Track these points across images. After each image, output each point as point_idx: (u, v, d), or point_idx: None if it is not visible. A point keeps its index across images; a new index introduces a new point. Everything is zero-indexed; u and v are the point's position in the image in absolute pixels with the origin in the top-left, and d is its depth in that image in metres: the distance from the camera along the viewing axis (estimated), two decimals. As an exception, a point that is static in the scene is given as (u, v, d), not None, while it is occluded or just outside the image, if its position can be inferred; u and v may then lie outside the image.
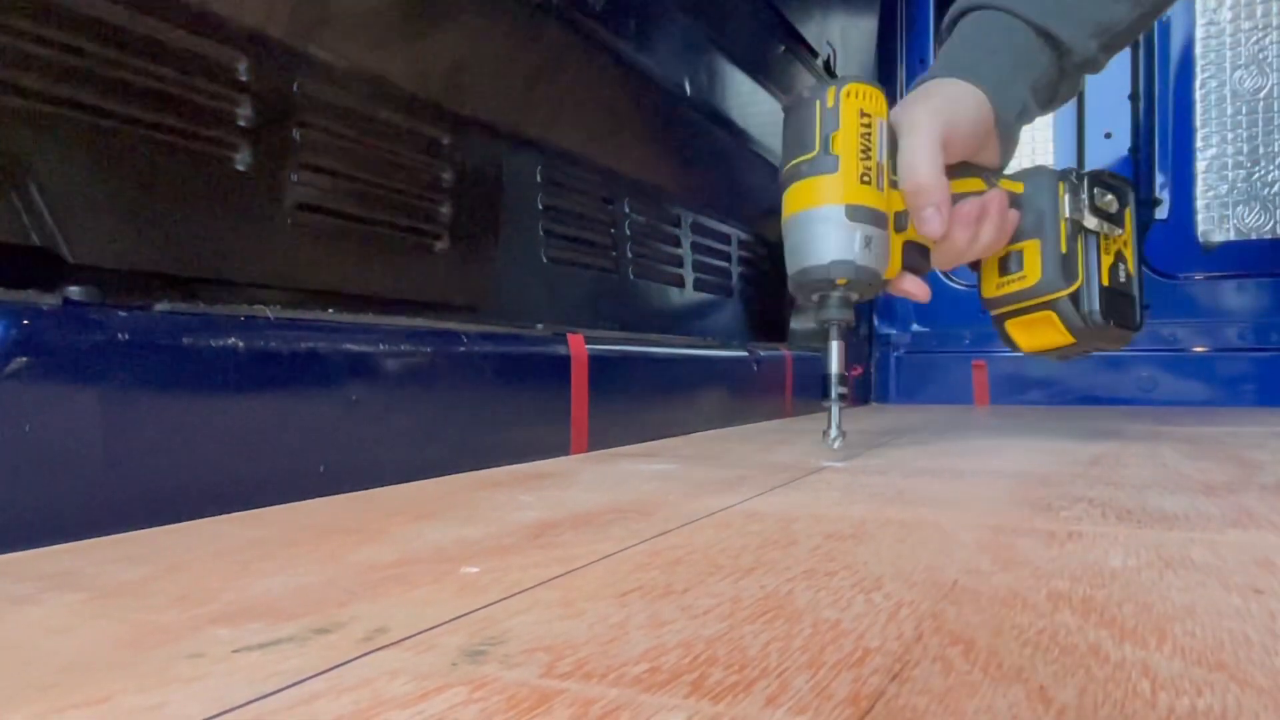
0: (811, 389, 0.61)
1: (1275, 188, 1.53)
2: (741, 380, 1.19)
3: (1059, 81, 0.70)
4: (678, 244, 1.17)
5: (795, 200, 0.62)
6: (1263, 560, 0.36)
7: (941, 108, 0.63)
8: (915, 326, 1.73)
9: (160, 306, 0.48)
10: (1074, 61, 0.69)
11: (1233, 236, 1.55)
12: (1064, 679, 0.23)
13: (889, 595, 0.31)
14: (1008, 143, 0.68)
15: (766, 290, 1.44)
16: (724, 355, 1.16)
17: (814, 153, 0.60)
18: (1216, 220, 1.56)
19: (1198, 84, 1.58)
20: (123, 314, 0.45)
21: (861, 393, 1.70)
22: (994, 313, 0.74)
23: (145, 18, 0.51)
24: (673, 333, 1.10)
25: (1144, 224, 1.60)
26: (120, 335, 0.44)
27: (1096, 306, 0.70)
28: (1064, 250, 0.69)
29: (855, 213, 0.60)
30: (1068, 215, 0.69)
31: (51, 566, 0.36)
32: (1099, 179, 0.71)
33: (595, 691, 0.22)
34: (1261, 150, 1.54)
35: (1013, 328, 0.74)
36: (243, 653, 0.25)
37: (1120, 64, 1.62)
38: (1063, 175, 0.70)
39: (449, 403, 0.66)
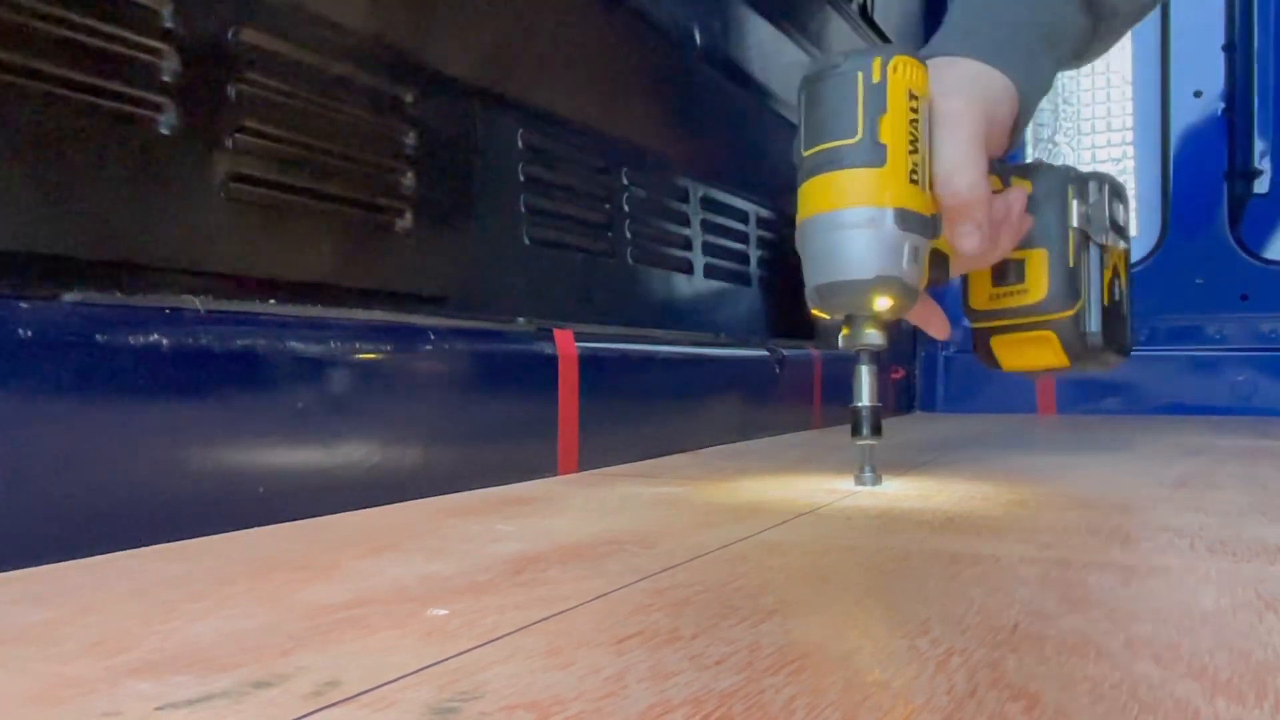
0: (845, 394, 0.61)
1: (1397, 156, 1.53)
2: (761, 385, 1.19)
3: (1091, 39, 0.70)
4: (685, 223, 1.18)
5: (828, 195, 0.59)
6: (1382, 600, 0.36)
7: (979, 98, 0.62)
8: (967, 321, 1.73)
9: (69, 297, 0.48)
10: (1112, 11, 0.69)
11: (1347, 214, 1.55)
12: (1145, 742, 0.23)
13: (936, 641, 0.31)
14: (1020, 132, 0.69)
15: (791, 278, 1.44)
16: (740, 355, 1.16)
17: (857, 138, 0.58)
18: (1327, 194, 1.56)
19: (1304, 33, 1.58)
20: (24, 305, 0.45)
21: (904, 400, 1.71)
22: (978, 325, 0.75)
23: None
24: (679, 328, 1.10)
25: (1241, 199, 1.60)
26: (21, 331, 0.44)
27: (1098, 329, 0.71)
28: (1071, 264, 0.70)
29: (906, 219, 0.58)
30: (1075, 225, 0.70)
31: (-61, 607, 0.36)
32: (1106, 181, 0.72)
33: (587, 757, 0.22)
34: (1380, 111, 1.54)
35: (999, 345, 0.75)
36: (167, 710, 0.25)
37: (1213, 9, 1.62)
38: (1072, 178, 0.72)
39: (413, 413, 0.66)
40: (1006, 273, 0.71)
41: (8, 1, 0.49)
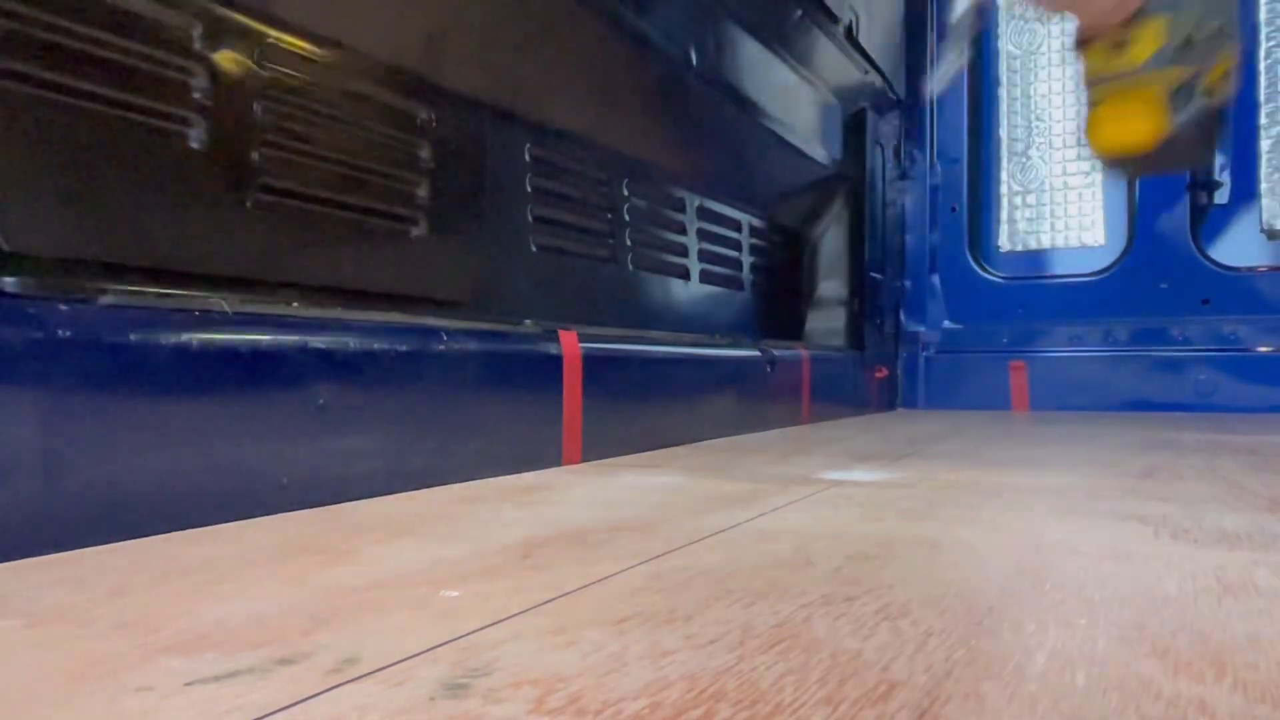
0: (831, 392, 0.62)
1: (1348, 169, 1.53)
2: (753, 383, 1.19)
3: None
4: (682, 231, 1.17)
5: None
6: (1334, 585, 0.36)
7: None
8: (946, 323, 1.73)
9: (105, 299, 0.47)
10: None
11: (1301, 223, 1.55)
12: (1113, 718, 0.23)
13: (917, 623, 0.31)
14: None
15: (782, 283, 1.44)
16: (734, 355, 1.16)
17: None
18: (1283, 205, 1.56)
19: (1262, 53, 1.58)
20: (63, 307, 0.45)
21: (887, 397, 1.70)
22: (1093, 94, 0.77)
23: (89, -23, 0.51)
24: (676, 330, 1.10)
25: (1202, 209, 1.60)
26: (60, 331, 0.44)
27: (1199, 99, 0.73)
28: (1189, 37, 0.72)
29: None
30: (1200, 14, 0.72)
31: (-17, 589, 0.36)
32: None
33: (589, 730, 0.22)
34: (1333, 127, 1.54)
35: (1105, 115, 0.77)
36: (197, 685, 0.25)
37: (1176, 31, 1.62)
38: None
39: (427, 408, 0.66)
40: (1124, 41, 0.73)
41: (51, 24, 0.49)
